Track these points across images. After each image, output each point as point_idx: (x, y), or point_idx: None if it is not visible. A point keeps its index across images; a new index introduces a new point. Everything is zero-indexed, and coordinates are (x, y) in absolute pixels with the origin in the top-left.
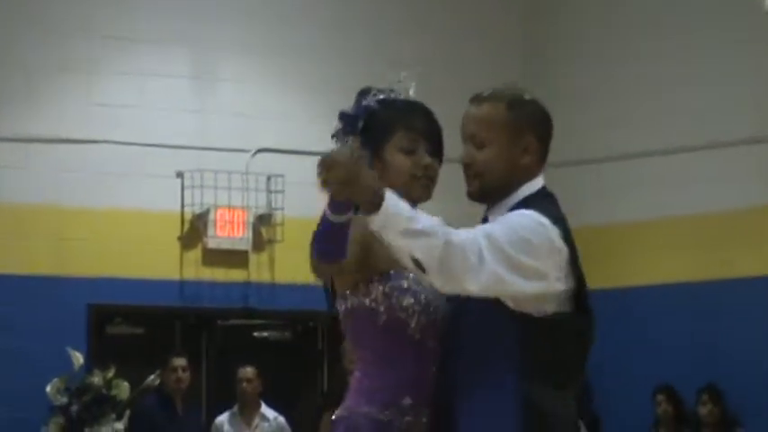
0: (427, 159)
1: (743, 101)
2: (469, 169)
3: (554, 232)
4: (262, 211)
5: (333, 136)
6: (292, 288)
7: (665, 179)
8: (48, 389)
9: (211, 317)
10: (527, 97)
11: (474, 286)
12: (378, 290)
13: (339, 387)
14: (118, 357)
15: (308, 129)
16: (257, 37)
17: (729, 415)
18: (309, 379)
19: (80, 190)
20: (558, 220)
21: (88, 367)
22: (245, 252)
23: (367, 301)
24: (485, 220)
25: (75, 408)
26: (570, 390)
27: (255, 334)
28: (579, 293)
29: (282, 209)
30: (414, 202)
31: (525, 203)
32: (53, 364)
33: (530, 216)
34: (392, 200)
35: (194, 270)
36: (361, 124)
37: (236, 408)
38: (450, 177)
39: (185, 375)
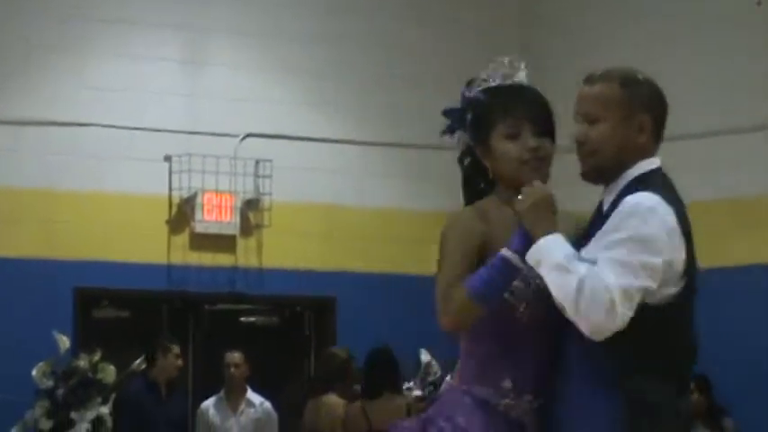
0: (532, 142)
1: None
2: (582, 148)
3: (667, 213)
4: (250, 195)
5: (442, 133)
6: (280, 273)
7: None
8: (33, 372)
9: (198, 301)
10: (640, 77)
11: (617, 326)
12: None
13: (325, 372)
14: (104, 341)
15: (297, 114)
16: (248, 22)
17: (717, 405)
18: (296, 364)
19: (69, 173)
20: (673, 200)
21: (74, 351)
22: (233, 237)
23: None
24: (600, 205)
25: (60, 391)
26: (677, 379)
27: (242, 319)
28: (691, 272)
29: (270, 194)
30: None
31: (639, 183)
32: (39, 348)
33: (637, 207)
34: (559, 239)
35: (181, 254)
36: (469, 117)
37: (222, 393)
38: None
39: (180, 363)
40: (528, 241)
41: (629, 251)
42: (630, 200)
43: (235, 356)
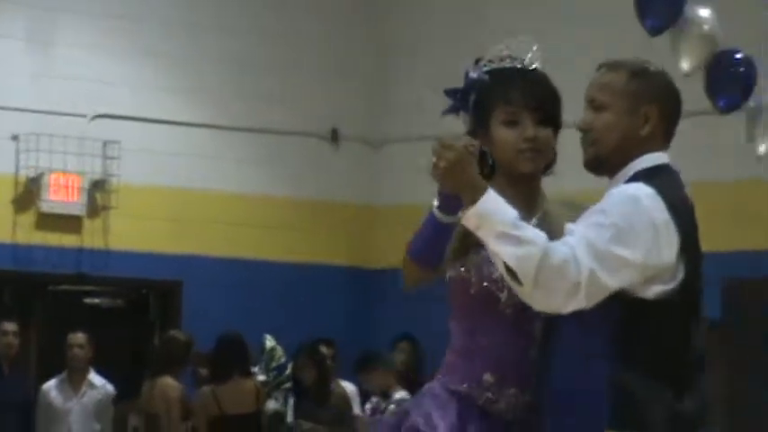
0: (530, 131)
1: None
2: (586, 136)
3: (655, 205)
4: (97, 176)
5: (444, 113)
6: (126, 255)
7: None
8: None
9: (43, 282)
10: (653, 69)
11: (571, 308)
12: (472, 259)
13: (164, 355)
14: None
15: (146, 95)
16: (96, 1)
17: None
18: (140, 347)
19: None
20: (673, 196)
21: None
22: (79, 217)
23: (462, 270)
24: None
25: None
26: (670, 379)
27: (87, 300)
28: (688, 272)
29: (118, 175)
30: (524, 174)
31: (641, 177)
32: None
33: (624, 193)
34: (493, 200)
35: (27, 234)
36: (473, 98)
37: (64, 374)
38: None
39: (15, 340)
40: (450, 201)
41: (608, 240)
42: (621, 188)
43: (78, 337)
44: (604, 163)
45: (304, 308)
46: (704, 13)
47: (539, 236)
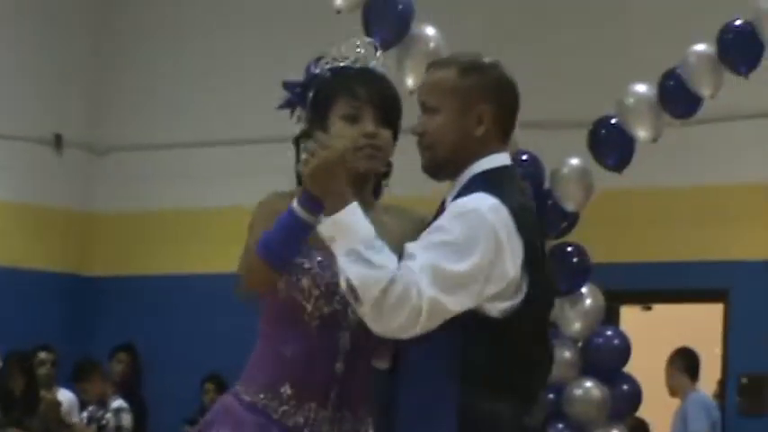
0: (370, 128)
1: None
2: (422, 140)
3: (498, 217)
4: None
5: (279, 107)
6: None
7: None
8: None
9: None
10: (486, 62)
11: (410, 334)
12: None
13: None
14: None
15: None
16: None
17: None
18: None
19: None
20: (515, 203)
21: None
22: None
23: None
24: (442, 203)
25: None
26: (517, 394)
27: None
28: (533, 284)
29: None
30: (359, 174)
31: (480, 181)
32: None
33: (466, 209)
34: (354, 214)
35: None
36: (310, 94)
37: None
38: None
39: None
40: (314, 201)
41: (447, 259)
42: (462, 201)
43: None
44: (442, 167)
45: (19, 315)
46: (430, 31)
47: (390, 261)
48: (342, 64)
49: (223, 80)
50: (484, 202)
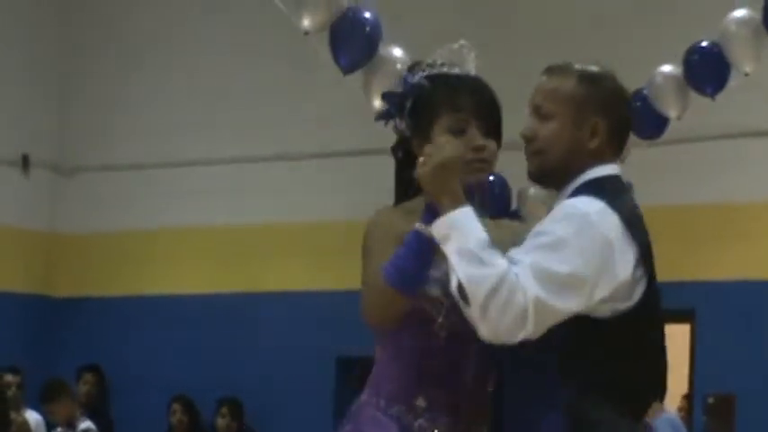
0: (479, 141)
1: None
2: (530, 145)
3: (607, 222)
4: None
5: (377, 118)
6: None
7: (205, 187)
8: None
9: None
10: (604, 73)
11: (519, 338)
12: None
13: None
14: None
15: None
16: None
17: (247, 427)
18: None
19: None
20: (625, 208)
21: None
22: None
23: None
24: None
25: None
26: (628, 402)
27: None
28: (649, 288)
29: None
30: (468, 187)
31: (588, 187)
32: None
33: (573, 211)
34: (470, 215)
35: None
36: (409, 104)
37: None
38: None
39: None
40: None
41: (551, 260)
42: (569, 202)
43: None
44: (549, 175)
45: None
46: (397, 52)
47: (502, 263)
48: (438, 71)
49: (189, 101)
50: (590, 205)
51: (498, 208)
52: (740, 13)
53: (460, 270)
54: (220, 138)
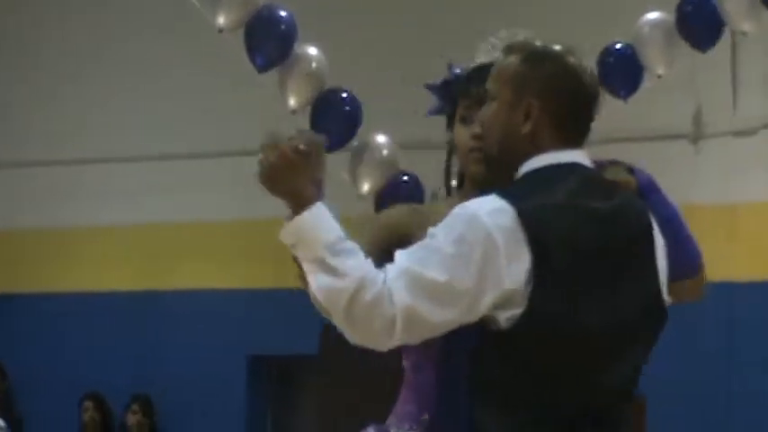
0: (477, 129)
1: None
2: (479, 136)
3: (500, 220)
4: None
5: (430, 114)
6: None
7: (116, 185)
8: None
9: None
10: (554, 51)
11: (391, 345)
12: None
13: None
14: None
15: None
16: None
17: (159, 425)
18: None
19: None
20: (532, 202)
21: None
22: None
23: None
24: None
25: None
26: (534, 414)
27: None
28: (539, 296)
29: None
30: (473, 179)
31: (518, 184)
32: None
33: (462, 210)
34: (315, 216)
35: None
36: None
37: None
38: None
39: None
40: None
41: (429, 265)
42: (463, 203)
43: None
44: (490, 167)
45: None
46: (312, 51)
47: (357, 267)
48: (473, 65)
49: (104, 100)
50: (483, 205)
51: None
52: (653, 15)
53: (314, 283)
54: (132, 135)
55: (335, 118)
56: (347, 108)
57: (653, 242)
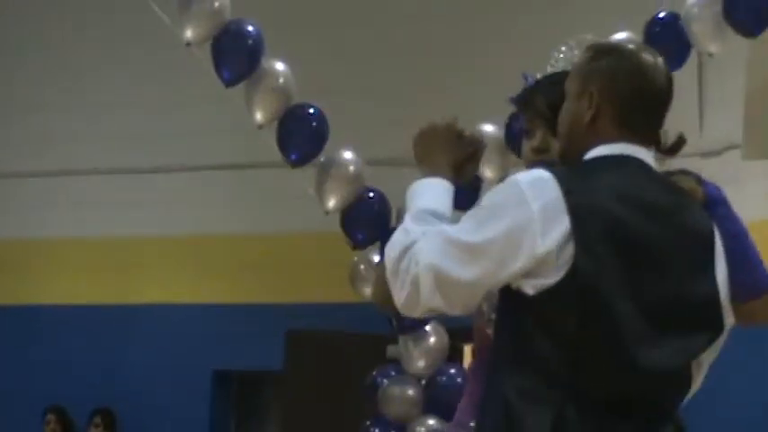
0: (535, 143)
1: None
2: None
3: (539, 187)
4: None
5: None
6: None
7: (83, 198)
8: None
9: None
10: (624, 47)
11: (422, 310)
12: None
13: None
14: None
15: None
16: None
17: None
18: None
19: None
20: (576, 178)
21: None
22: None
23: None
24: None
25: None
26: (560, 389)
27: None
28: (574, 268)
29: None
30: None
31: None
32: None
33: (508, 179)
34: (430, 185)
35: None
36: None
37: None
38: None
39: None
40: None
41: (466, 228)
42: (514, 173)
43: None
44: (565, 158)
45: None
46: (280, 66)
47: (418, 231)
48: (545, 74)
49: (85, 111)
50: (529, 174)
51: (380, 225)
52: (621, 35)
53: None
54: (99, 149)
55: (302, 133)
56: (314, 124)
57: (713, 250)
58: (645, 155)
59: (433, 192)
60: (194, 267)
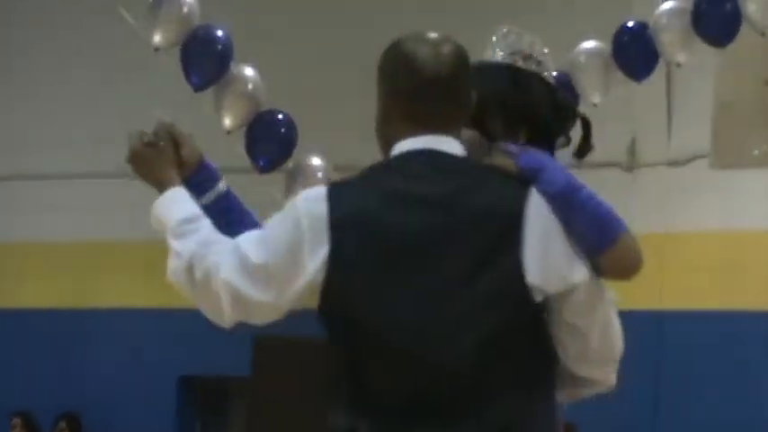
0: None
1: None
2: None
3: (311, 207)
4: None
5: None
6: None
7: (35, 205)
8: None
9: None
10: (401, 38)
11: (230, 321)
12: None
13: None
14: None
15: None
16: None
17: None
18: None
19: None
20: (350, 192)
21: None
22: None
23: None
24: None
25: None
26: (345, 404)
27: None
28: (328, 290)
29: None
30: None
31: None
32: None
33: (290, 201)
34: (168, 199)
35: None
36: None
37: None
38: None
39: None
40: None
41: (253, 245)
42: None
43: None
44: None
45: None
46: (249, 71)
47: (191, 246)
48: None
49: (57, 114)
50: (309, 192)
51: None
52: (590, 44)
53: (168, 266)
54: (56, 154)
55: (271, 139)
56: (283, 130)
57: (516, 227)
58: (442, 142)
59: (170, 204)
60: (160, 271)
